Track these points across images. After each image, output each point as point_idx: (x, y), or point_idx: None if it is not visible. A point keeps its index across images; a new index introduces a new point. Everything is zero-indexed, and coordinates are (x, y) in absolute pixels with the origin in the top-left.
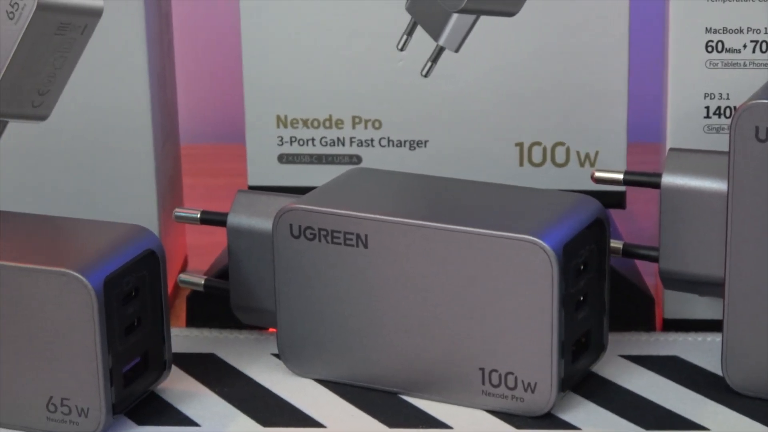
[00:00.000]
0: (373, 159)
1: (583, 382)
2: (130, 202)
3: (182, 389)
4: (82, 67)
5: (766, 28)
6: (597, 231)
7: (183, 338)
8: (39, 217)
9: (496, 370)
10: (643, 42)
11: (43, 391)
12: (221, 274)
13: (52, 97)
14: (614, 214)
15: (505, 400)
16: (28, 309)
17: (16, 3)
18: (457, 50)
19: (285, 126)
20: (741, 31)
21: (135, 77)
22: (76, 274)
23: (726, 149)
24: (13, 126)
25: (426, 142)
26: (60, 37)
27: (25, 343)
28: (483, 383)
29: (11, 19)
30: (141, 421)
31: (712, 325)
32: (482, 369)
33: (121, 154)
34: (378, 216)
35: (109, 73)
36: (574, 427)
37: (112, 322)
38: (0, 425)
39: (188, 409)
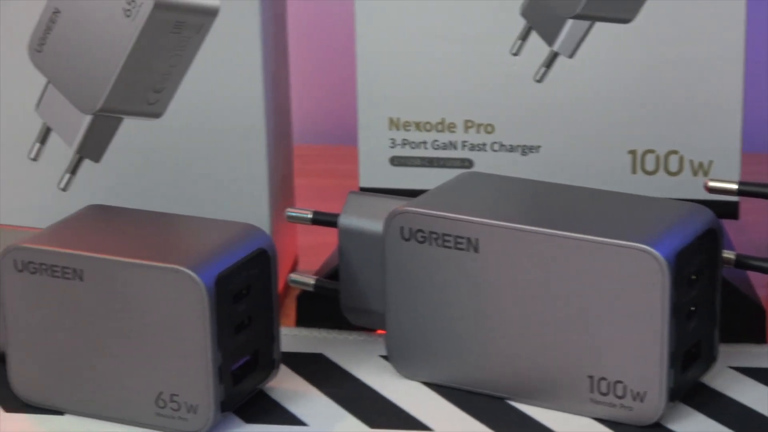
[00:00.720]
0: (485, 163)
1: (693, 392)
2: (242, 201)
3: (290, 388)
4: (197, 66)
5: None
6: (709, 241)
7: (292, 338)
8: (153, 214)
9: (604, 378)
10: (761, 49)
11: (153, 387)
12: (331, 274)
13: (167, 95)
14: (726, 224)
15: (613, 408)
16: (140, 304)
17: (133, 1)
18: (571, 56)
19: (397, 128)
20: None
21: (249, 77)
22: (189, 272)
23: None
24: (129, 123)
25: (538, 147)
26: (176, 36)
27: (136, 338)
28: (591, 391)
29: (128, 16)
30: (249, 419)
31: None
32: (591, 377)
33: (235, 153)
34: (489, 220)
35: (224, 73)
36: None
37: (222, 319)
38: (110, 419)
39: (296, 409)
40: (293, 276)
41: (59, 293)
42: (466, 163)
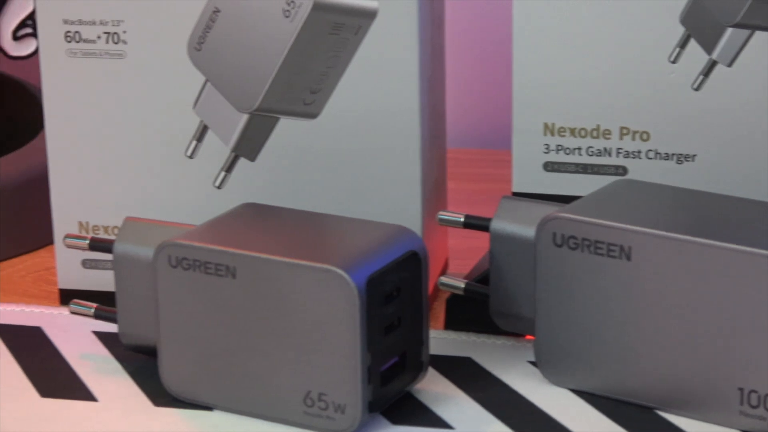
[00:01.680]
0: (639, 171)
1: None
2: (395, 202)
3: (438, 391)
4: (353, 68)
5: None
6: None
7: (440, 340)
8: (306, 214)
9: (755, 391)
10: None
11: (302, 386)
12: (482, 278)
13: (324, 96)
14: None
15: (763, 422)
16: (291, 303)
17: (292, 2)
18: (730, 65)
19: (552, 134)
20: None
21: (405, 80)
22: (341, 272)
23: None
24: (284, 122)
25: (694, 156)
26: (334, 37)
27: (286, 337)
28: (741, 403)
29: (287, 17)
30: (396, 421)
31: None
32: (741, 389)
33: (389, 155)
34: (643, 228)
35: (380, 75)
36: None
37: (372, 320)
38: (258, 416)
39: (443, 412)
40: (443, 279)
41: (212, 290)
42: (621, 170)
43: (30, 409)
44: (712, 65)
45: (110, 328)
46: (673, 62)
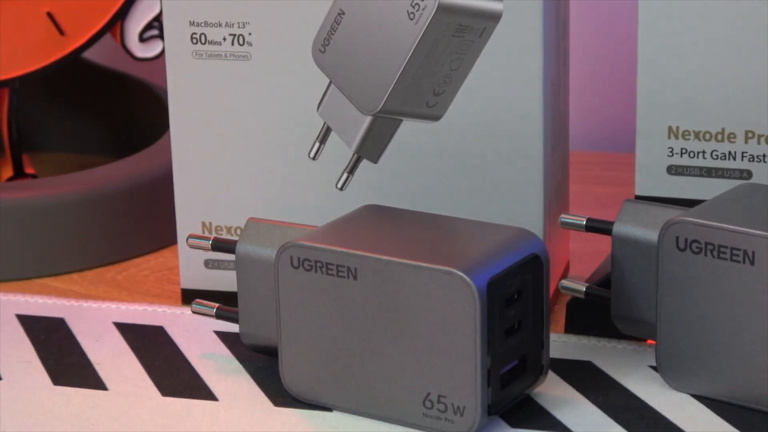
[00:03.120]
0: (764, 175)
1: None
2: (517, 205)
3: (557, 395)
4: (477, 70)
5: None
6: None
7: (561, 344)
8: (428, 216)
9: None
10: None
11: (421, 387)
12: (603, 282)
13: (447, 98)
14: None
15: None
16: (412, 305)
17: (417, 3)
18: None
19: (676, 137)
20: None
21: (530, 82)
22: (462, 274)
23: None
24: (407, 125)
25: None
26: (458, 39)
27: (407, 338)
28: None
29: (411, 19)
30: (515, 424)
31: None
32: None
33: (512, 157)
34: (766, 233)
35: (504, 77)
36: None
37: (493, 323)
38: (377, 417)
39: (563, 416)
40: (565, 282)
41: (333, 291)
42: (745, 174)
43: (152, 408)
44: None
45: (231, 328)
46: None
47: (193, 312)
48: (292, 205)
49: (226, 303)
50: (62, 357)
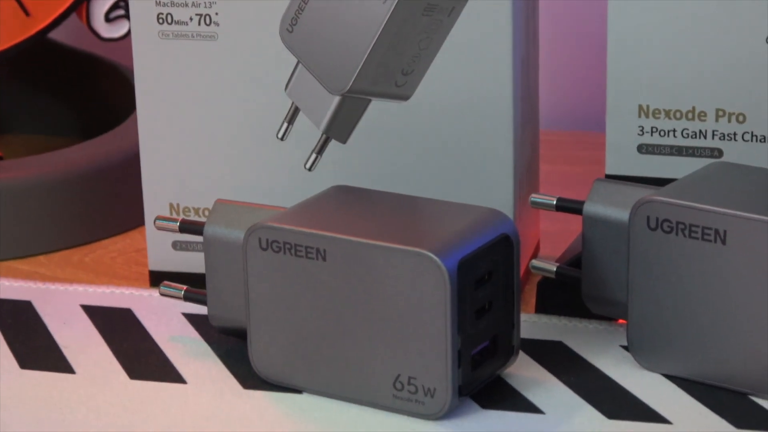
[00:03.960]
0: (735, 153)
1: None
2: (487, 185)
3: (528, 376)
4: (446, 49)
5: None
6: None
7: (531, 324)
8: (397, 196)
9: None
10: None
11: (392, 369)
12: (574, 262)
13: (416, 77)
14: None
15: None
16: (382, 286)
17: None
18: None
19: (647, 116)
20: None
21: (499, 61)
22: (432, 255)
23: None
24: (376, 105)
25: None
26: (427, 18)
27: (377, 320)
28: None
29: None
30: (486, 405)
31: None
32: None
33: (481, 137)
34: (738, 212)
35: (474, 56)
36: None
37: (464, 304)
38: (347, 399)
39: (534, 396)
40: (535, 262)
41: (302, 273)
42: (716, 153)
43: (120, 392)
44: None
45: (200, 310)
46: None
47: (161, 294)
48: (261, 187)
49: (194, 285)
50: (29, 340)
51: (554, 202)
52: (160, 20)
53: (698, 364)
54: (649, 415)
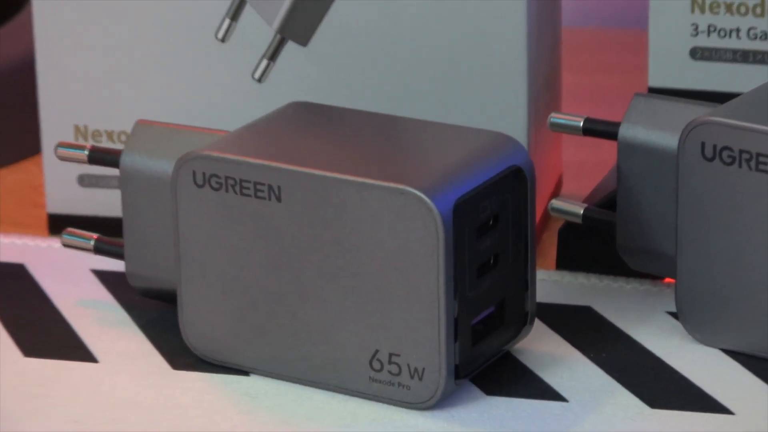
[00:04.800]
0: None
1: None
2: (493, 101)
3: (546, 351)
4: None
5: None
6: None
7: (551, 284)
8: (375, 117)
9: None
10: None
11: (367, 343)
12: (606, 202)
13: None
14: None
15: None
16: (354, 234)
17: None
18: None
19: (702, 11)
20: None
21: None
22: (419, 194)
23: None
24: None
25: None
26: None
27: (347, 279)
28: None
29: None
30: (491, 390)
31: None
32: None
33: (486, 40)
34: None
35: None
36: None
37: (461, 258)
38: (309, 383)
39: (553, 378)
40: (556, 203)
41: (249, 217)
42: None
43: (12, 374)
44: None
45: (115, 266)
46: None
47: (64, 245)
48: (195, 103)
49: (107, 233)
50: None
51: (581, 124)
52: None
53: (766, 337)
54: (704, 403)
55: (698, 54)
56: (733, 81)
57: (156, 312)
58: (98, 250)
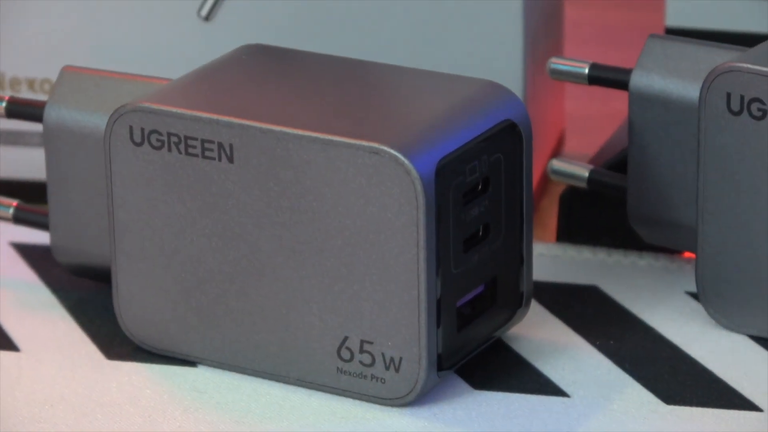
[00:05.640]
0: None
1: None
2: (484, 45)
3: (545, 338)
4: None
5: None
6: None
7: (551, 260)
8: (344, 63)
9: None
10: None
11: (335, 329)
12: (615, 163)
13: None
14: None
15: None
16: (319, 201)
17: None
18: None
19: None
20: None
21: None
22: (395, 153)
23: None
24: None
25: None
26: None
27: (312, 253)
28: None
29: None
30: (479, 384)
31: None
32: None
33: None
34: None
35: None
36: None
37: (445, 229)
38: (267, 375)
39: (551, 371)
40: (556, 164)
41: (196, 181)
42: None
43: None
44: None
45: (39, 238)
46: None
47: None
48: (131, 46)
49: (29, 199)
50: None
51: (586, 71)
52: None
53: None
54: (728, 398)
55: None
56: (764, 20)
57: (86, 292)
58: (18, 219)
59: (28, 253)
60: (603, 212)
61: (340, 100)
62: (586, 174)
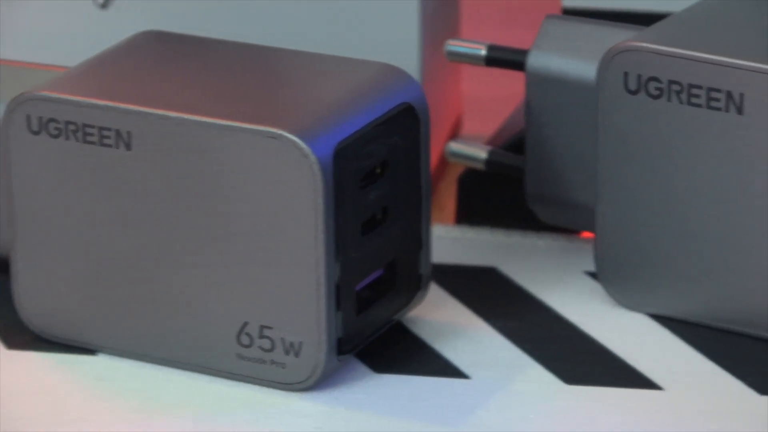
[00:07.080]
0: None
1: None
2: (379, 27)
3: (444, 321)
4: None
5: None
6: None
7: (450, 242)
8: (242, 48)
9: None
10: None
11: (234, 315)
12: (513, 144)
13: None
14: None
15: None
16: (218, 187)
17: None
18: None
19: None
20: None
21: None
22: (293, 137)
23: None
24: None
25: None
26: None
27: (211, 240)
28: None
29: None
30: (380, 367)
31: None
32: None
33: None
34: (761, 65)
35: None
36: None
37: (344, 213)
38: (167, 362)
39: (452, 352)
40: (454, 146)
41: (94, 168)
42: None
43: None
44: None
45: None
46: None
47: None
48: (26, 33)
49: None
50: None
51: (483, 53)
52: None
53: (703, 299)
54: (629, 377)
55: None
56: (660, 0)
57: None
58: None
59: None
60: (501, 193)
61: (238, 86)
62: (484, 155)
